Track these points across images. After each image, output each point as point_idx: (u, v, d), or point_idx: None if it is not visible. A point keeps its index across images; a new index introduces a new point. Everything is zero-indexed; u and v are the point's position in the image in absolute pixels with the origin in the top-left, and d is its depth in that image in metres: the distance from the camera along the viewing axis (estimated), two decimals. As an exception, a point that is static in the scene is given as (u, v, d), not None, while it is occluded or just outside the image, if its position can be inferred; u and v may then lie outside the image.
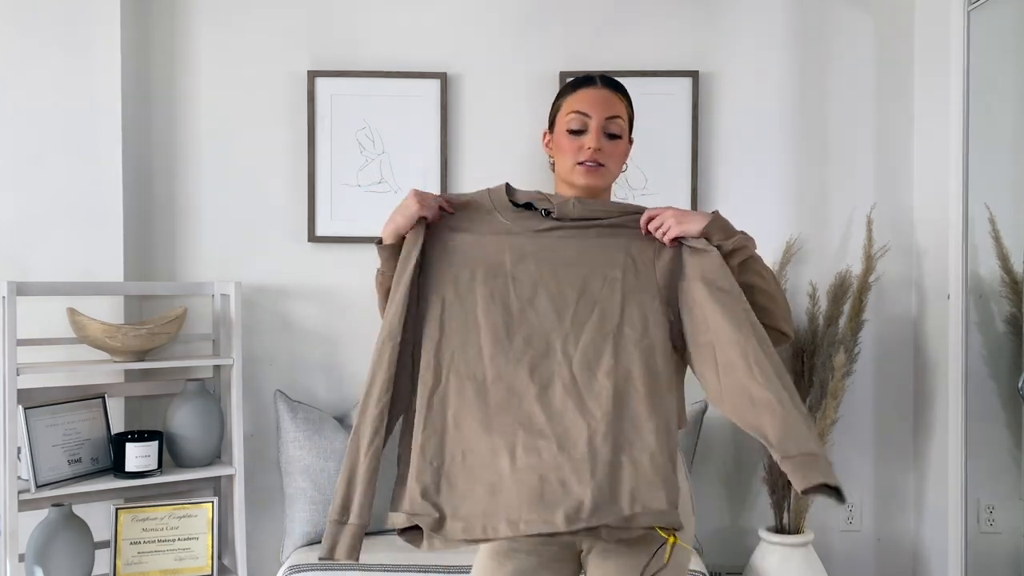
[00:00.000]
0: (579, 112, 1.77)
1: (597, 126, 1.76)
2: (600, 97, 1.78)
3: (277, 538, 3.04)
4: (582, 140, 1.76)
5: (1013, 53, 2.80)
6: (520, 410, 1.60)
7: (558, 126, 1.81)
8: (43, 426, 2.57)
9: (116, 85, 2.89)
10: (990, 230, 2.79)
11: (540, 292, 1.68)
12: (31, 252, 2.84)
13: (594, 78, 1.83)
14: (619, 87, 1.84)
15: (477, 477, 1.59)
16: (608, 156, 1.77)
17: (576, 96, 1.80)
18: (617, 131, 1.78)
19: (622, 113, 1.81)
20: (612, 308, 1.66)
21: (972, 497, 2.79)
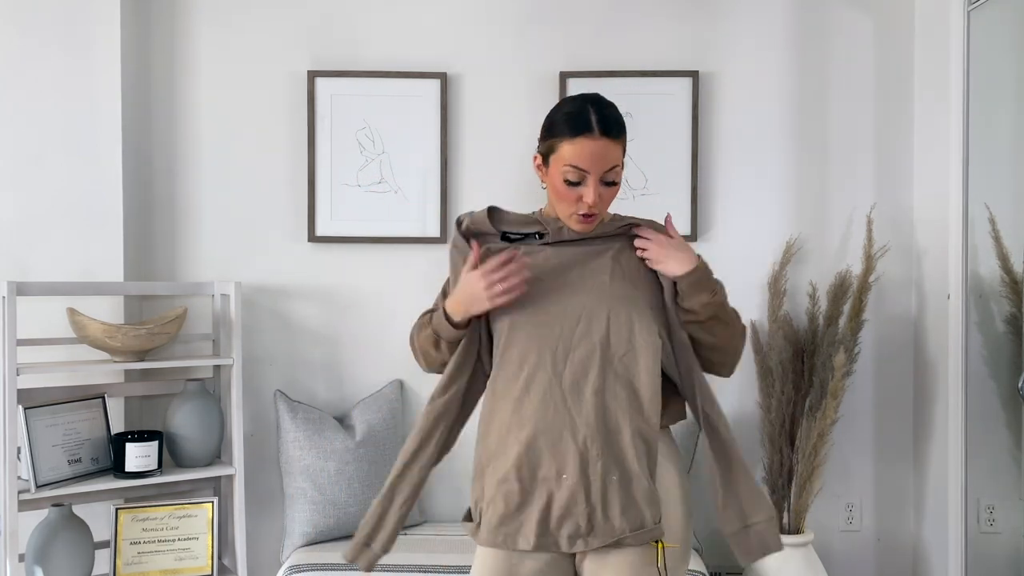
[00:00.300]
0: (577, 168, 1.72)
1: (595, 181, 1.73)
2: (598, 151, 1.71)
3: (277, 538, 3.04)
4: (580, 191, 1.74)
5: (1013, 53, 2.80)
6: (523, 431, 1.72)
7: (553, 168, 1.76)
8: (43, 426, 2.57)
9: (116, 85, 2.89)
10: (990, 230, 2.79)
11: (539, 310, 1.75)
12: (31, 252, 2.84)
13: (591, 123, 1.71)
14: (616, 130, 1.75)
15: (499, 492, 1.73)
16: (604, 203, 1.78)
17: (574, 147, 1.71)
18: (613, 179, 1.76)
19: (619, 160, 1.75)
20: (599, 318, 1.73)
21: (972, 497, 2.79)
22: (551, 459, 1.69)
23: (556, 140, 1.75)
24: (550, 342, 1.73)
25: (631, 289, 1.77)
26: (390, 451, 2.93)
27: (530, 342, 1.73)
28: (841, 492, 3.14)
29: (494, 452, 1.75)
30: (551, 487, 1.69)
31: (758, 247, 3.10)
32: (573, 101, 1.79)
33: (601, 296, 1.74)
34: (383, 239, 3.06)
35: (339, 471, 2.83)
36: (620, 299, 1.74)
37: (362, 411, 2.97)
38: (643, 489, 1.69)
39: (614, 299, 1.74)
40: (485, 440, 1.77)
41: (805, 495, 2.91)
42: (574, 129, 1.72)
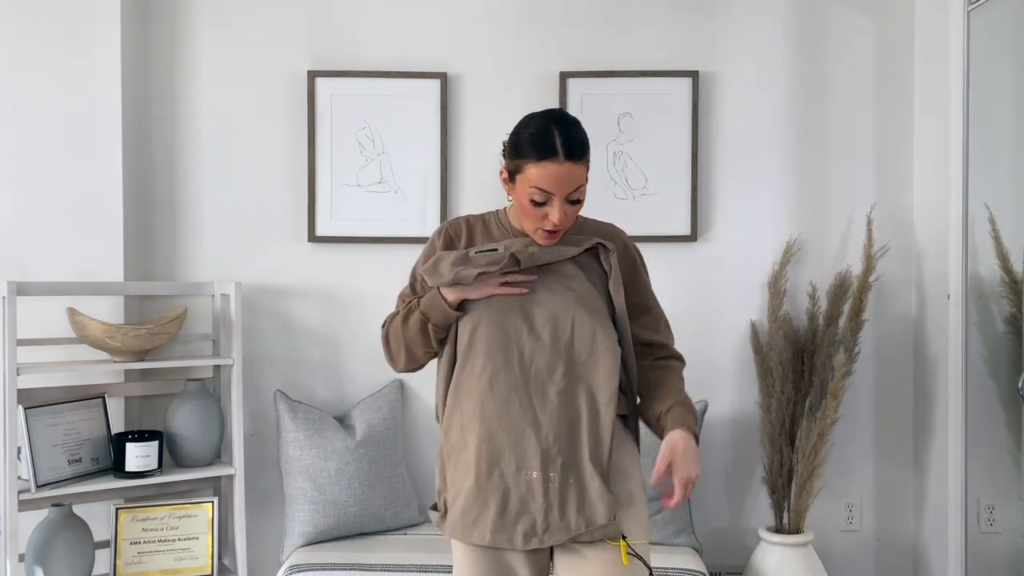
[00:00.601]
0: (542, 190, 1.75)
1: (560, 202, 1.77)
2: (563, 175, 1.74)
3: (277, 538, 3.04)
4: (545, 211, 1.78)
5: (1013, 53, 2.80)
6: (483, 426, 1.79)
7: (520, 187, 1.79)
8: (43, 426, 2.57)
9: (116, 85, 2.89)
10: (990, 230, 2.79)
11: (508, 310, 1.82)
12: (31, 252, 2.85)
13: (555, 148, 1.74)
14: (579, 150, 1.77)
15: (460, 485, 1.81)
16: (568, 220, 1.81)
17: (540, 171, 1.74)
18: (578, 197, 1.79)
19: (583, 179, 1.79)
20: (565, 323, 1.80)
21: (972, 497, 2.79)
22: (512, 455, 1.76)
23: (522, 161, 1.78)
24: (517, 342, 1.79)
25: (595, 299, 1.84)
26: (390, 451, 2.93)
27: (497, 340, 1.79)
28: (841, 492, 3.14)
29: (455, 445, 1.82)
30: (509, 483, 1.76)
31: (758, 247, 3.10)
32: (537, 121, 1.80)
33: (567, 302, 1.81)
34: (383, 239, 3.06)
35: (339, 471, 2.83)
36: (585, 307, 1.81)
37: (362, 411, 2.97)
38: (598, 488, 1.76)
39: (579, 306, 1.81)
40: (448, 433, 1.84)
41: (805, 495, 2.91)
42: (539, 152, 1.75)
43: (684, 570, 2.65)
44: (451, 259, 1.80)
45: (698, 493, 3.11)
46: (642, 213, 3.05)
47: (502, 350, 1.79)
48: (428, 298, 1.84)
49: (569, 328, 1.80)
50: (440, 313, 1.82)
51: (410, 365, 1.93)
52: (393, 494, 2.89)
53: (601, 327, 1.80)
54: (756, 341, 3.04)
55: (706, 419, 2.99)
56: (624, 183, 3.07)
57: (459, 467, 1.81)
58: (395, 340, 1.90)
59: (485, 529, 1.76)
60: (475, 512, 1.77)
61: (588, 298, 1.82)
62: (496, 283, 1.80)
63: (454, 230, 1.92)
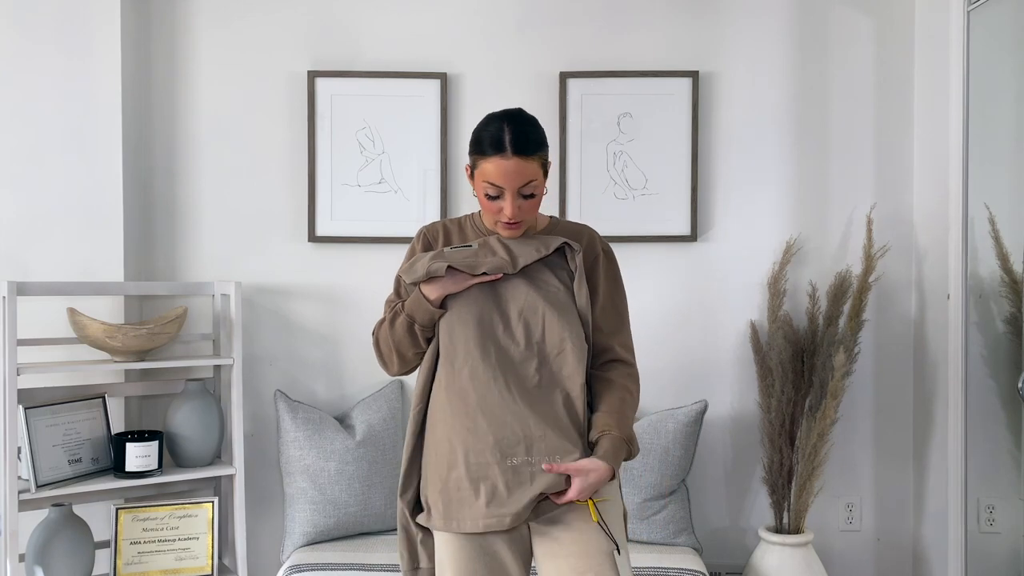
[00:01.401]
0: (493, 183, 1.84)
1: (511, 196, 1.85)
2: (511, 169, 1.82)
3: (277, 538, 3.04)
4: (499, 204, 1.86)
5: (1013, 53, 2.80)
6: (468, 418, 1.84)
7: (477, 182, 1.88)
8: (43, 426, 2.57)
9: (116, 85, 2.89)
10: (990, 230, 2.79)
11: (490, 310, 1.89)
12: (31, 252, 2.85)
13: (503, 143, 1.82)
14: (530, 147, 1.84)
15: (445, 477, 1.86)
16: (524, 213, 1.88)
17: (489, 165, 1.83)
18: (531, 192, 1.86)
19: (535, 174, 1.85)
20: (536, 320, 1.87)
21: (972, 497, 2.79)
22: (496, 444, 1.81)
23: (477, 157, 1.87)
24: (493, 338, 1.86)
25: (564, 298, 1.90)
26: (390, 451, 2.93)
27: (475, 336, 1.85)
28: (841, 492, 3.14)
29: (438, 439, 1.87)
30: (496, 470, 1.81)
31: (758, 247, 3.10)
32: (493, 120, 1.88)
33: (537, 300, 1.87)
34: (383, 239, 3.06)
35: (339, 471, 2.83)
36: (553, 305, 1.87)
37: (362, 411, 2.97)
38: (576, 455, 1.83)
39: (548, 304, 1.87)
40: (431, 429, 1.90)
41: (805, 495, 2.91)
42: (490, 148, 1.84)
43: (684, 570, 2.65)
44: (427, 258, 1.88)
45: (698, 493, 3.11)
46: (642, 213, 3.05)
47: (480, 345, 1.85)
48: (412, 299, 1.90)
49: (540, 325, 1.87)
50: (424, 312, 1.88)
51: (403, 368, 1.97)
52: (393, 494, 2.89)
53: (568, 325, 1.87)
54: (756, 341, 3.04)
55: (706, 419, 2.99)
56: (624, 183, 3.07)
57: (441, 460, 1.86)
58: (385, 344, 1.95)
59: (477, 515, 1.81)
60: (465, 501, 1.82)
61: (557, 297, 1.89)
62: (473, 274, 1.86)
63: (431, 234, 2.00)
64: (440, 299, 1.88)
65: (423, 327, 1.90)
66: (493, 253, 1.88)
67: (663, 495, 2.88)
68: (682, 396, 3.07)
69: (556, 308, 1.87)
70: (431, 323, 1.90)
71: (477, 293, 1.88)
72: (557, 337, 1.86)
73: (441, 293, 1.87)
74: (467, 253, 1.88)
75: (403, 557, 1.95)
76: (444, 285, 1.86)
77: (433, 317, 1.89)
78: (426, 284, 1.88)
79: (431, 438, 1.90)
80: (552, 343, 1.87)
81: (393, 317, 1.93)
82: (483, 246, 1.90)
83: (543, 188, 1.90)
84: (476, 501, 1.81)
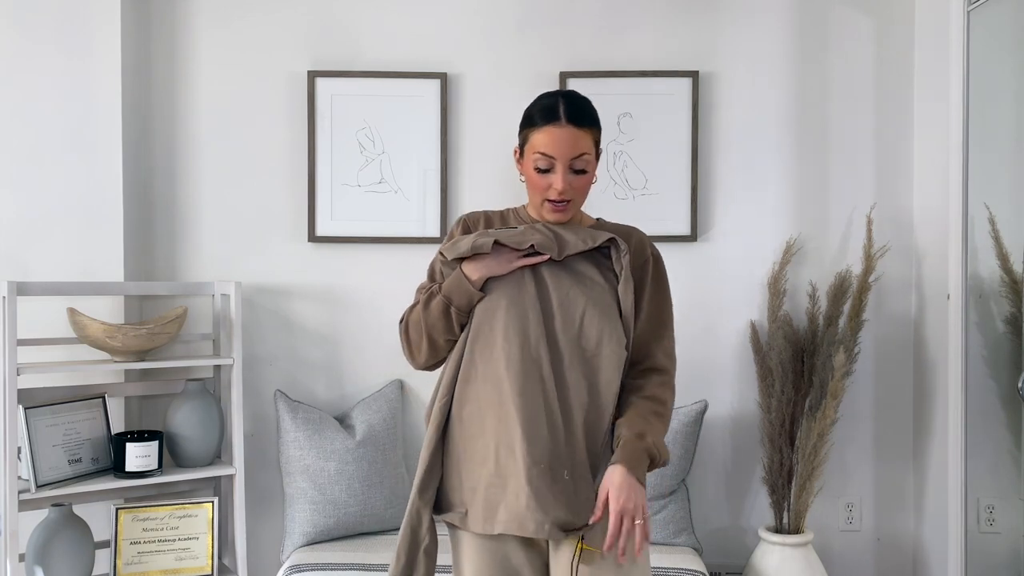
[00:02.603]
0: (544, 154, 1.79)
1: (563, 168, 1.79)
2: (565, 138, 1.77)
3: (277, 538, 3.04)
4: (549, 179, 1.80)
5: (1013, 53, 2.80)
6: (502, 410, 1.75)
7: (526, 159, 1.84)
8: (43, 426, 2.57)
9: (116, 85, 2.89)
10: (990, 230, 2.79)
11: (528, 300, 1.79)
12: (31, 252, 2.85)
13: (558, 112, 1.78)
14: (585, 119, 1.80)
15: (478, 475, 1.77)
16: (575, 191, 1.82)
17: (541, 135, 1.79)
18: (582, 167, 1.80)
19: (587, 148, 1.80)
20: (573, 317, 1.78)
21: (972, 497, 2.79)
22: (526, 443, 1.71)
23: (528, 131, 1.82)
24: (531, 330, 1.76)
25: (606, 297, 1.81)
26: (390, 451, 2.93)
27: (513, 325, 1.76)
28: (841, 492, 3.14)
29: (471, 434, 1.78)
30: (522, 470, 1.71)
31: (758, 247, 3.10)
32: (548, 95, 1.85)
33: (578, 296, 1.79)
34: (383, 239, 3.06)
35: (339, 471, 2.83)
36: (595, 303, 1.79)
37: (362, 411, 2.97)
38: (587, 488, 1.74)
39: (589, 301, 1.79)
40: (461, 423, 1.79)
41: (805, 495, 2.91)
42: (543, 119, 1.79)
43: (684, 570, 2.65)
44: (471, 236, 1.80)
45: (698, 493, 3.11)
46: (642, 213, 3.05)
47: (519, 336, 1.75)
48: (451, 279, 1.81)
49: (578, 322, 1.77)
50: (463, 294, 1.79)
51: (431, 357, 1.86)
52: (393, 494, 2.90)
53: (608, 327, 1.78)
54: (756, 341, 3.04)
55: (706, 419, 2.99)
56: (624, 183, 3.07)
57: (475, 457, 1.77)
58: (415, 329, 1.84)
59: (510, 517, 1.72)
60: (495, 500, 1.73)
61: (599, 295, 1.80)
62: (518, 255, 1.78)
63: (472, 221, 1.92)
64: (482, 280, 1.78)
65: (460, 310, 1.79)
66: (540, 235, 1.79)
67: (663, 495, 2.88)
68: (682, 396, 3.03)
69: (597, 306, 1.78)
70: (469, 307, 1.80)
71: (518, 279, 1.79)
72: (594, 338, 1.77)
73: (484, 273, 1.78)
74: (513, 232, 1.79)
75: (399, 560, 1.80)
76: (488, 265, 1.78)
77: (472, 300, 1.79)
78: (468, 263, 1.79)
79: (459, 432, 1.79)
80: (588, 343, 1.77)
81: (428, 299, 1.82)
82: (529, 230, 1.81)
83: (595, 168, 1.83)
84: (505, 500, 1.72)
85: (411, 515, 1.80)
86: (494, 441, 1.74)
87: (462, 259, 1.81)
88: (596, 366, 1.77)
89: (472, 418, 1.78)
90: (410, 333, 1.86)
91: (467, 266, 1.80)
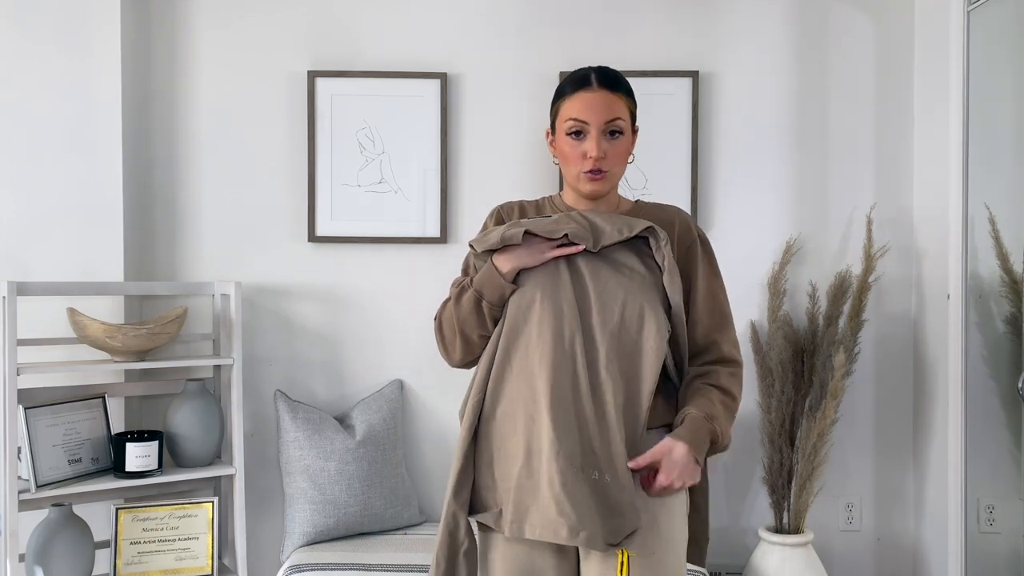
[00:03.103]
0: (576, 119, 1.75)
1: (597, 132, 1.75)
2: (597, 101, 1.75)
3: (277, 538, 3.04)
4: (583, 146, 1.76)
5: (1013, 53, 2.80)
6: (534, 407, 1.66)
7: (559, 131, 1.80)
8: (43, 426, 2.57)
9: (116, 85, 2.89)
10: (990, 230, 2.79)
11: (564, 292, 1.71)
12: (31, 252, 2.85)
13: (590, 78, 1.77)
14: (617, 84, 1.79)
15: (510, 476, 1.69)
16: (611, 159, 1.77)
17: (574, 101, 1.76)
18: (617, 128, 1.77)
19: (622, 112, 1.77)
20: (613, 309, 1.70)
21: (972, 497, 2.79)
22: (558, 443, 1.62)
23: (560, 102, 1.80)
24: (567, 324, 1.68)
25: (648, 289, 1.73)
26: (390, 451, 2.93)
27: (548, 320, 1.68)
28: (841, 492, 3.14)
29: (504, 432, 1.70)
30: (554, 471, 1.61)
31: (758, 247, 3.10)
32: (579, 69, 1.83)
33: (617, 288, 1.71)
34: (383, 239, 3.06)
35: (339, 471, 2.83)
36: (635, 295, 1.70)
37: (362, 411, 2.97)
38: (628, 493, 1.65)
39: (628, 294, 1.70)
40: (495, 420, 1.71)
41: (805, 495, 2.91)
42: (574, 87, 1.78)
43: (684, 570, 2.65)
44: (503, 227, 1.73)
45: (698, 493, 3.11)
46: (642, 213, 3.05)
47: (553, 330, 1.66)
48: (482, 272, 1.74)
49: (617, 316, 1.68)
50: (495, 287, 1.72)
51: (466, 355, 1.79)
52: (393, 494, 2.90)
53: (650, 319, 1.68)
54: (756, 341, 3.04)
55: (706, 419, 2.99)
56: (624, 183, 3.06)
57: (508, 456, 1.68)
58: (448, 325, 1.78)
59: (543, 523, 1.62)
60: (526, 503, 1.64)
61: (639, 286, 1.70)
62: (551, 246, 1.71)
63: (506, 212, 1.88)
64: (513, 272, 1.71)
65: (492, 304, 1.72)
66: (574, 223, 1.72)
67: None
68: (682, 396, 3.06)
69: (638, 298, 1.69)
70: (501, 301, 1.72)
71: (552, 271, 1.71)
72: (633, 332, 1.67)
73: (516, 265, 1.70)
74: (546, 221, 1.72)
75: (438, 566, 1.70)
76: (519, 256, 1.70)
77: (504, 293, 1.71)
78: (499, 255, 1.72)
79: (494, 431, 1.70)
80: (627, 338, 1.67)
81: (459, 293, 1.76)
82: (564, 218, 1.73)
83: (631, 138, 1.79)
84: (536, 503, 1.63)
85: (448, 519, 1.71)
86: (525, 440, 1.66)
87: (493, 251, 1.74)
88: (636, 361, 1.68)
89: (506, 416, 1.70)
90: (444, 330, 1.80)
91: (498, 258, 1.72)
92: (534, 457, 1.65)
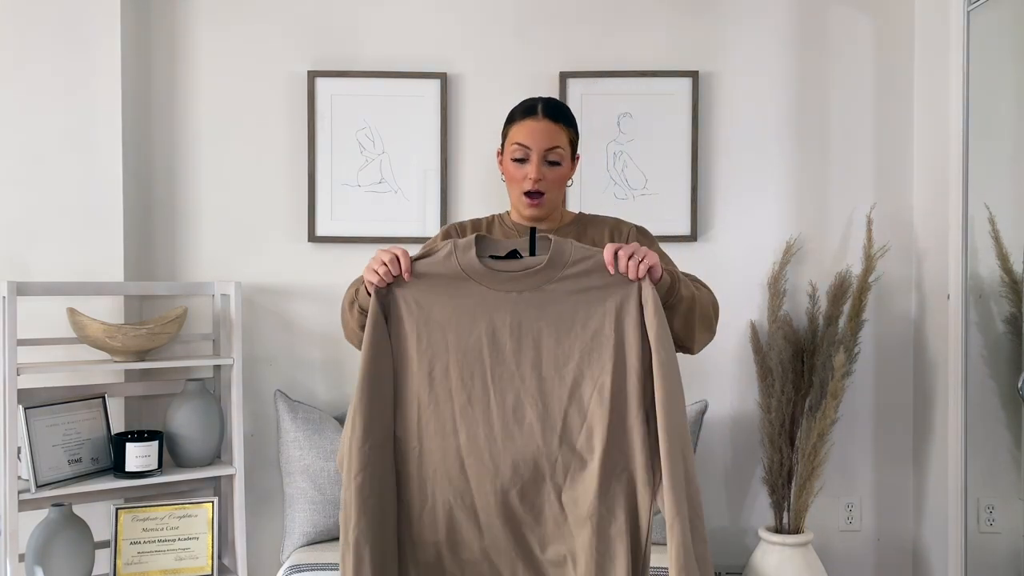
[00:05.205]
0: (521, 144, 1.89)
1: (537, 159, 1.88)
2: (540, 130, 1.88)
3: (277, 538, 3.04)
4: (525, 169, 1.89)
5: (1013, 53, 2.80)
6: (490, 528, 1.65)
7: (505, 154, 1.94)
8: (43, 426, 2.57)
9: (116, 85, 2.89)
10: (990, 230, 2.79)
11: (523, 397, 1.64)
12: (31, 252, 2.85)
13: (536, 108, 1.91)
14: (561, 115, 1.92)
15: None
16: (549, 184, 1.90)
17: (519, 127, 1.90)
18: (556, 159, 1.89)
19: (562, 142, 1.90)
20: (554, 409, 1.63)
21: (972, 497, 2.79)
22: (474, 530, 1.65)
23: (508, 127, 1.95)
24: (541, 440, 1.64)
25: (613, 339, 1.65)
26: (390, 451, 2.93)
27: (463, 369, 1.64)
28: (841, 492, 3.14)
29: (420, 510, 1.66)
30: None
31: (758, 247, 3.10)
32: (529, 98, 1.97)
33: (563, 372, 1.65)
34: (383, 239, 3.06)
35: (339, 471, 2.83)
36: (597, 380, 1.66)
37: (362, 411, 2.96)
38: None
39: (578, 384, 1.66)
40: (407, 487, 1.65)
41: (805, 495, 2.91)
42: (522, 114, 1.92)
43: (684, 570, 2.65)
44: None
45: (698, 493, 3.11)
46: (642, 213, 3.04)
47: (480, 391, 1.64)
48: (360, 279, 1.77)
49: (560, 416, 1.63)
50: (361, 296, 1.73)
51: (352, 336, 1.83)
52: (393, 494, 2.89)
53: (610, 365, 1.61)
54: (756, 341, 3.04)
55: (706, 419, 2.99)
56: (624, 183, 3.07)
57: (423, 550, 1.70)
58: (343, 306, 1.82)
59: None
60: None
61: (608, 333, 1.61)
62: (381, 261, 1.67)
63: (457, 230, 1.99)
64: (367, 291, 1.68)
65: (361, 308, 1.74)
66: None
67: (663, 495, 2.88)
68: (682, 396, 3.06)
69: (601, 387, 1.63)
70: (362, 308, 1.72)
71: (472, 312, 1.64)
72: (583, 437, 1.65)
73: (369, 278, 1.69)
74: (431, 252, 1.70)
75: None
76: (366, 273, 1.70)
77: (362, 304, 1.72)
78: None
79: (408, 502, 1.72)
80: (572, 440, 1.65)
81: (354, 283, 1.80)
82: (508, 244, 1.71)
83: (569, 166, 1.92)
84: None
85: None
86: (446, 530, 1.65)
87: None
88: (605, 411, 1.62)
89: (417, 487, 1.66)
90: (342, 309, 1.84)
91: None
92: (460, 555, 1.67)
